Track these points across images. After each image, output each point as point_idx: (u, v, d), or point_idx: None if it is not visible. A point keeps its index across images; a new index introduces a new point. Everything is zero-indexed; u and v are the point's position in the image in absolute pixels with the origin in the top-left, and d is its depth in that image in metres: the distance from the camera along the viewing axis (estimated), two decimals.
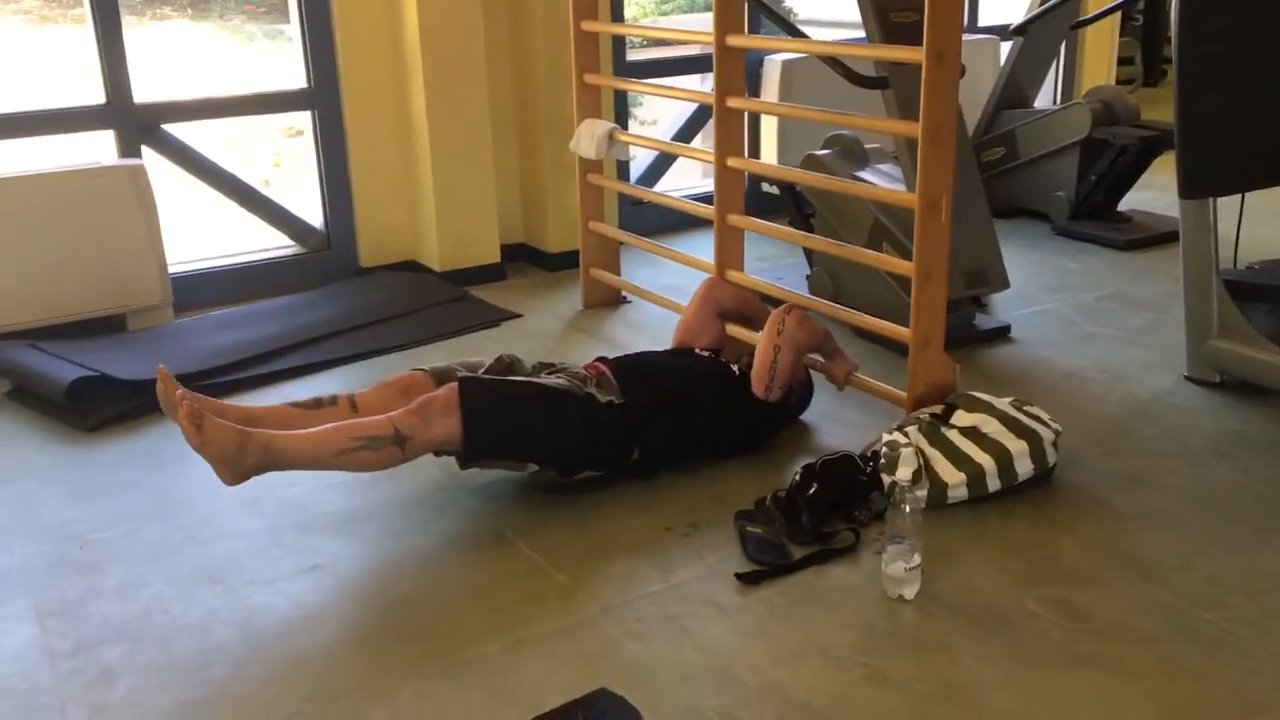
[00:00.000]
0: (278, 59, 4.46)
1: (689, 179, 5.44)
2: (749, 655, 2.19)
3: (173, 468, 3.01)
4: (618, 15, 4.73)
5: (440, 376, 2.79)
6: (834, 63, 3.62)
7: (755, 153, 5.40)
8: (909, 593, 2.34)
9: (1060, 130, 5.00)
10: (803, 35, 4.08)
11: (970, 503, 2.69)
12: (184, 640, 2.27)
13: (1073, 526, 2.62)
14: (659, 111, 5.97)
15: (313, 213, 4.54)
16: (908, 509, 2.31)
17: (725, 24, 3.27)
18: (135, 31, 4.19)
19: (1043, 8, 5.03)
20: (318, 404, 2.73)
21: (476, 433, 2.60)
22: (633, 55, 5.23)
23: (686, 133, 5.16)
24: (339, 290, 4.33)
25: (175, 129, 4.20)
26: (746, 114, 5.21)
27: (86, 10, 3.93)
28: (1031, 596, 2.34)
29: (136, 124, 4.07)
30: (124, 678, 2.15)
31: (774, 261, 4.58)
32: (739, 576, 2.42)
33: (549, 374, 2.86)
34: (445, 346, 3.85)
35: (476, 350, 3.77)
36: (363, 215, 4.51)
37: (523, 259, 4.75)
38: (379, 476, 2.79)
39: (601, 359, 2.98)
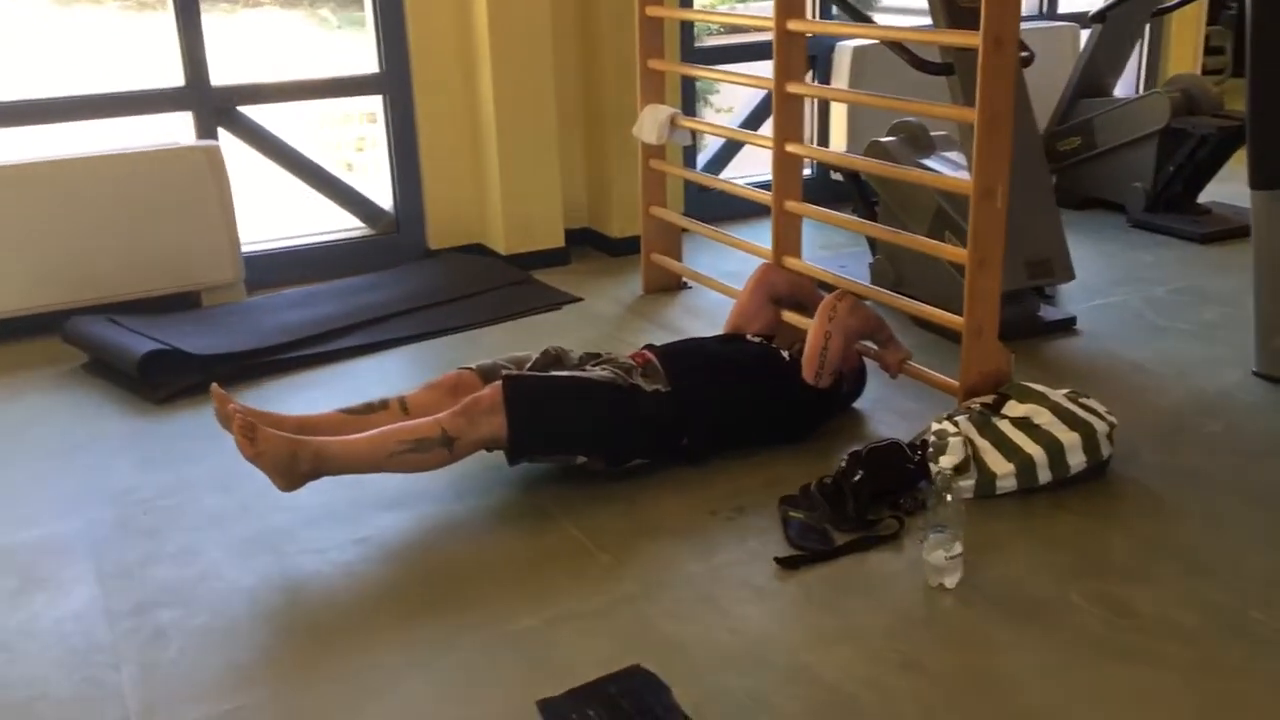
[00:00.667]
0: (358, 46, 4.53)
1: (760, 166, 5.42)
2: (782, 638, 2.20)
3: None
4: (686, 1, 4.73)
5: (487, 375, 2.83)
6: (899, 48, 3.60)
7: (824, 139, 5.37)
8: (950, 581, 2.32)
9: (1138, 119, 4.89)
10: (868, 20, 4.05)
11: (1020, 494, 2.66)
12: (236, 605, 2.34)
13: (1124, 521, 2.58)
14: (734, 99, 5.94)
15: (383, 195, 4.62)
16: (949, 498, 2.29)
17: (786, 8, 3.26)
18: (223, 19, 4.31)
19: None
20: (369, 409, 2.78)
21: (522, 430, 2.64)
22: (705, 42, 5.24)
23: (755, 120, 5.15)
24: (405, 272, 4.41)
25: (251, 111, 4.30)
26: (815, 101, 5.24)
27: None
28: (1075, 589, 2.31)
29: (213, 106, 4.19)
30: (176, 639, 2.23)
31: (837, 250, 4.56)
32: (779, 561, 2.43)
33: (595, 364, 2.89)
34: (507, 328, 3.90)
35: (536, 331, 3.84)
36: (431, 198, 4.58)
37: (587, 243, 4.78)
38: None
39: (649, 346, 2.99)
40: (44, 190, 3.80)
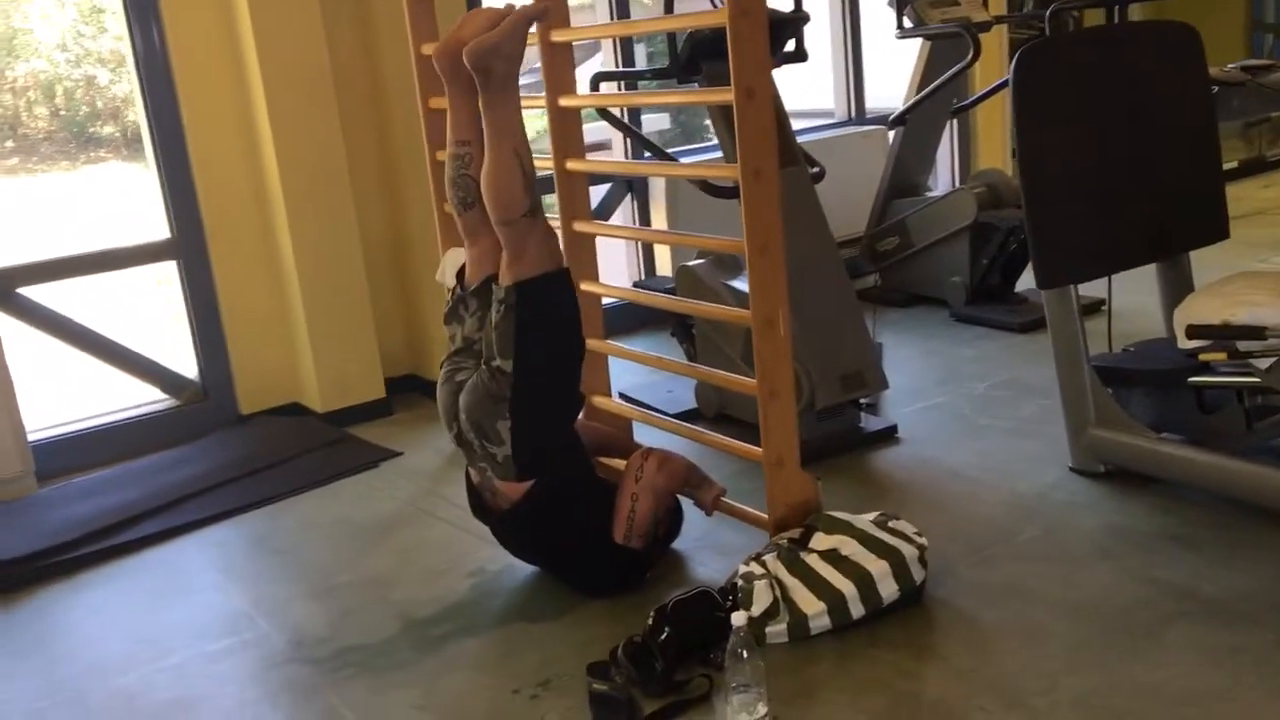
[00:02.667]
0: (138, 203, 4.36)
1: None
2: None
3: (3, 661, 2.83)
4: None
5: None
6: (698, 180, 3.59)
7: (650, 261, 5.35)
8: None
9: (947, 217, 4.97)
10: (663, 153, 4.06)
11: (836, 632, 2.55)
12: None
13: (939, 650, 2.49)
14: None
15: (186, 363, 4.40)
16: (745, 654, 2.16)
17: (564, 148, 3.20)
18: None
19: (917, 97, 5.03)
20: None
21: (542, 286, 2.64)
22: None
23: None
24: (214, 442, 4.18)
25: (33, 291, 4.08)
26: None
27: None
28: None
29: None
30: None
31: (668, 373, 4.47)
32: None
33: None
34: (319, 495, 3.70)
35: (349, 495, 3.67)
36: (239, 361, 4.38)
37: (414, 390, 4.62)
38: (203, 673, 2.63)
39: None
40: None
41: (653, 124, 8.14)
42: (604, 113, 3.97)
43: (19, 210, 4.96)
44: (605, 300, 3.54)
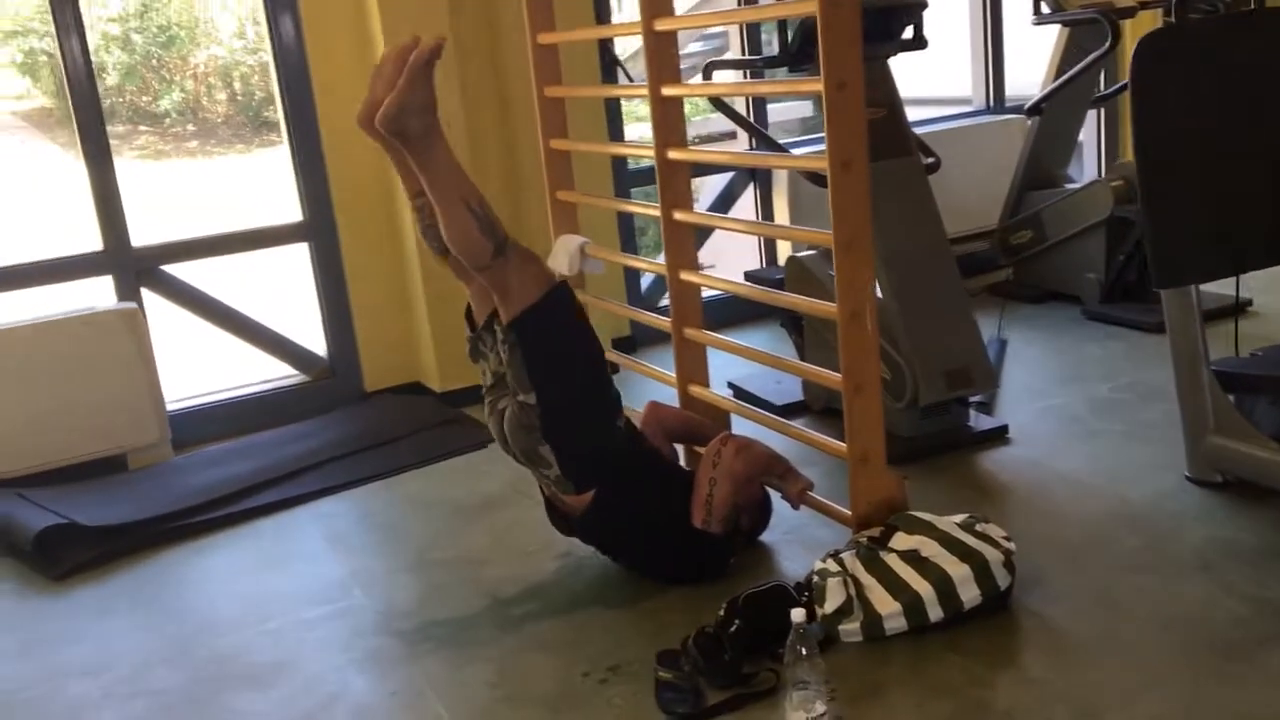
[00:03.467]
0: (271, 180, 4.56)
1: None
2: None
3: (121, 618, 3.02)
4: (617, 135, 4.71)
5: None
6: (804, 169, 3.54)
7: (772, 248, 5.30)
8: None
9: (1083, 210, 4.78)
10: (773, 142, 4.02)
11: (913, 634, 2.50)
12: None
13: (1016, 659, 2.42)
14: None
15: (317, 341, 4.59)
16: (803, 650, 2.14)
17: (665, 137, 3.21)
18: (132, 167, 4.33)
19: (1053, 85, 4.85)
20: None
21: (538, 314, 2.61)
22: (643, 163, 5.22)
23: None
24: (337, 418, 4.35)
25: (174, 269, 4.31)
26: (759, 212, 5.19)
27: (80, 159, 4.08)
28: None
29: (134, 268, 4.19)
30: None
31: None
32: None
33: None
34: (427, 473, 3.81)
35: (458, 474, 3.77)
36: (365, 340, 4.54)
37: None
38: (306, 646, 2.75)
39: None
40: None
41: (794, 111, 8.06)
42: (716, 101, 3.96)
43: (189, 190, 5.24)
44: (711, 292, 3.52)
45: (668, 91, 3.17)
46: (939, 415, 3.53)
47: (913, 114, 6.26)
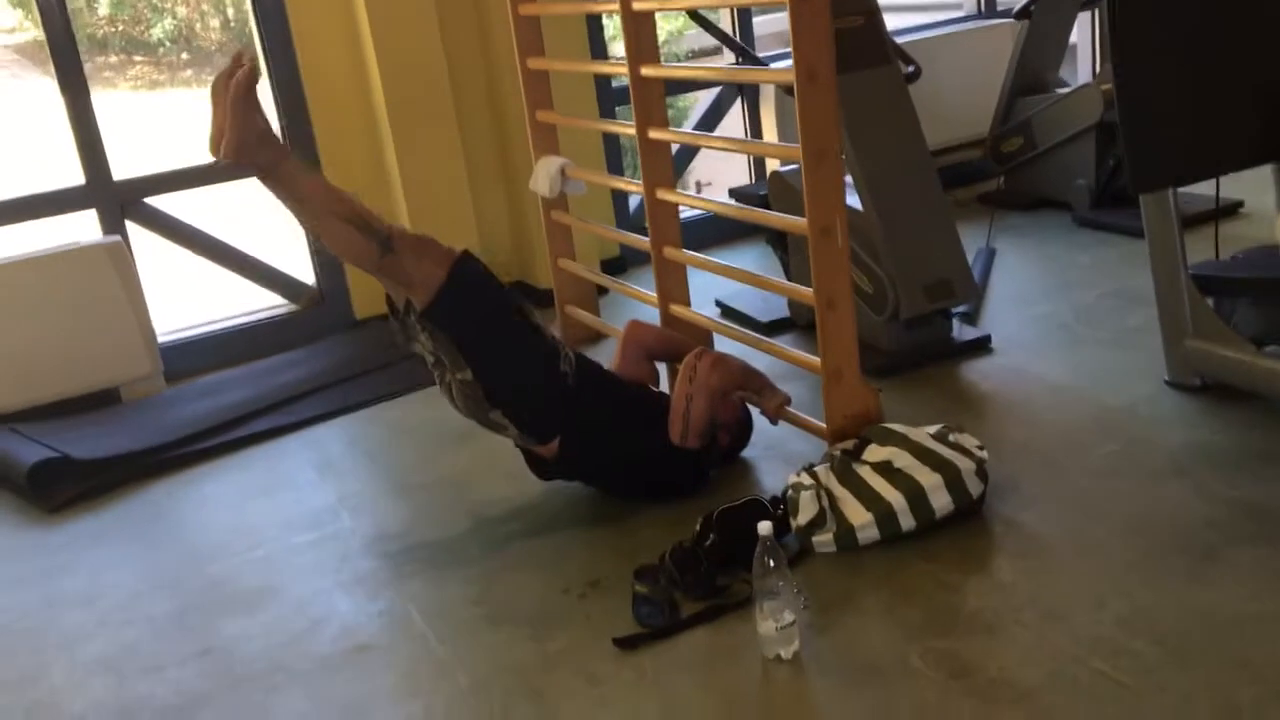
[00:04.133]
0: None
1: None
2: None
3: (114, 548, 3.08)
4: (599, 52, 4.64)
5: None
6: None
7: (761, 164, 5.26)
8: (785, 652, 2.20)
9: (1073, 115, 4.73)
10: (749, 53, 3.96)
11: (886, 543, 2.54)
12: None
13: (986, 565, 2.45)
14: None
15: (305, 270, 4.59)
16: (770, 562, 2.18)
17: (638, 53, 3.17)
18: (109, 99, 4.29)
19: None
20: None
21: (448, 296, 2.57)
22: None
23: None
24: (326, 346, 4.37)
25: (158, 201, 4.30)
26: (746, 120, 5.13)
27: (56, 91, 4.05)
28: (917, 650, 2.18)
29: (117, 201, 4.19)
30: None
31: None
32: (617, 642, 2.32)
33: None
34: (415, 398, 3.84)
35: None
36: (353, 268, 4.53)
37: (521, 295, 4.70)
38: (302, 555, 2.80)
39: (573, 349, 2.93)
40: None
41: (781, 23, 7.93)
42: (692, 14, 3.90)
43: (187, 121, 5.18)
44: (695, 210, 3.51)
45: (638, 6, 3.13)
46: (921, 328, 3.53)
47: (901, 21, 6.18)
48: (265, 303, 4.60)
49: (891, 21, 3.95)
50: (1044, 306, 3.90)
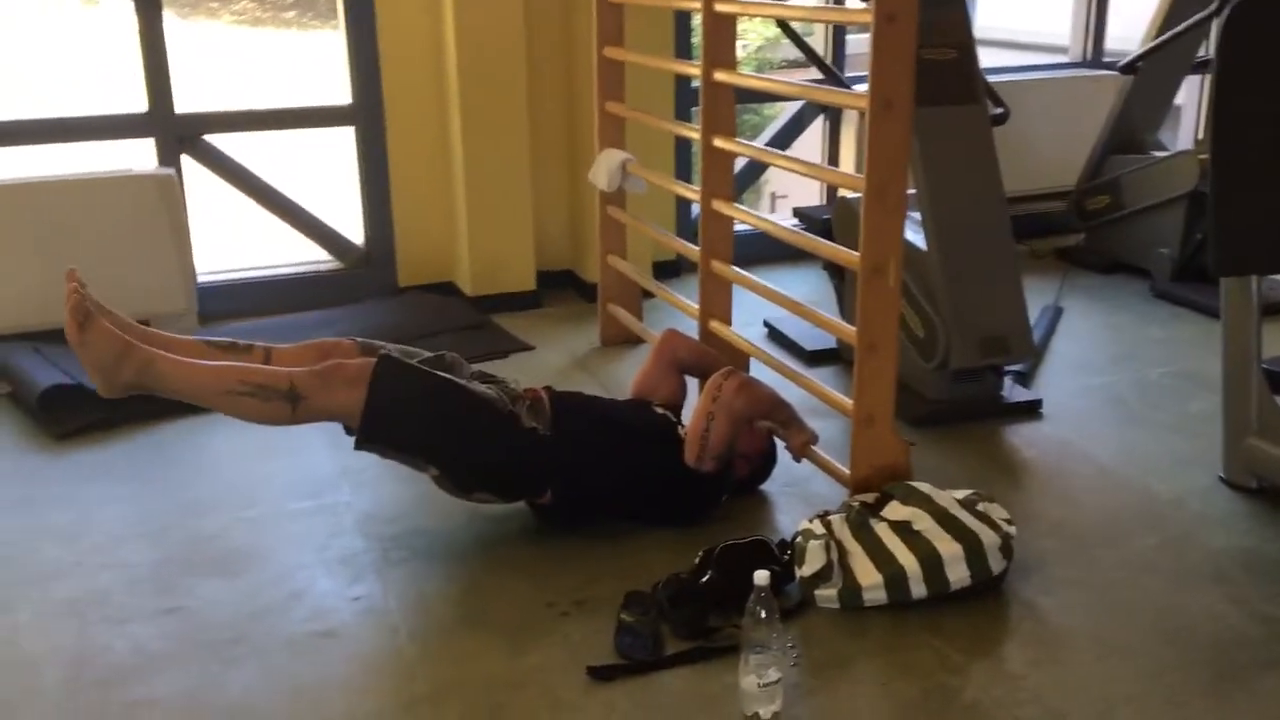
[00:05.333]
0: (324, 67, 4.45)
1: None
2: None
3: (110, 486, 3.01)
4: (684, 52, 4.49)
5: (366, 350, 2.64)
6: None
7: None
8: (765, 712, 2.06)
9: (1166, 181, 4.52)
10: (834, 74, 3.80)
11: (894, 608, 2.39)
12: (11, 676, 2.22)
13: (996, 649, 2.29)
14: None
15: (354, 228, 4.52)
16: (762, 613, 2.04)
17: (713, 57, 3.04)
18: (188, 31, 4.24)
19: (1152, 44, 4.55)
20: (232, 346, 2.62)
21: (377, 416, 2.45)
22: None
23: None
24: (366, 309, 4.29)
25: (217, 139, 4.25)
26: (826, 141, 4.97)
27: (132, 17, 4.00)
28: None
29: (176, 134, 4.13)
30: None
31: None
32: (591, 671, 2.20)
33: (484, 384, 2.69)
34: None
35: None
36: (402, 235, 4.46)
37: (569, 286, 4.61)
38: (294, 523, 2.73)
39: (547, 388, 2.79)
40: None
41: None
42: (781, 24, 3.75)
43: (238, 60, 5.16)
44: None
45: (721, 8, 3.00)
46: (971, 381, 3.36)
47: (1001, 59, 5.97)
48: (309, 257, 4.53)
49: (992, 58, 3.78)
50: (1104, 377, 3.71)
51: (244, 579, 2.56)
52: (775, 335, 3.98)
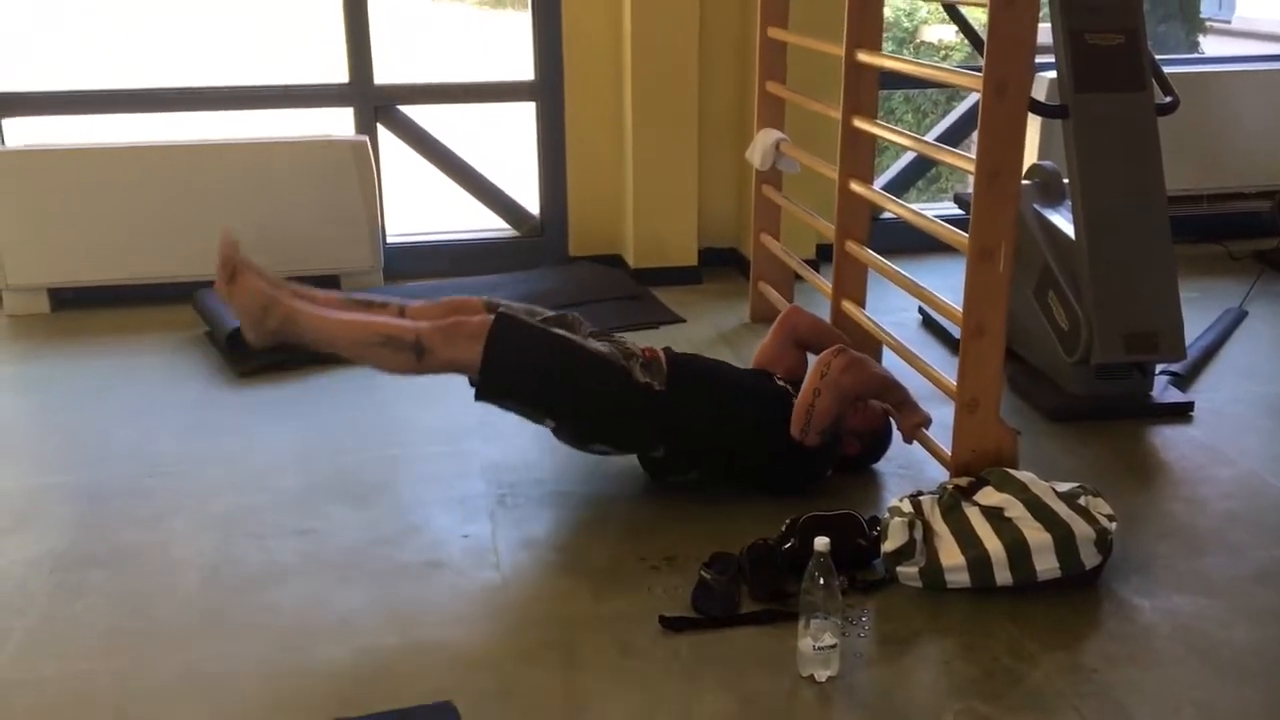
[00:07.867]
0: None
1: None
2: (606, 704, 2.09)
3: (280, 420, 3.31)
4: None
5: (490, 308, 2.79)
6: None
7: None
8: (820, 675, 2.12)
9: None
10: None
11: (978, 592, 2.38)
12: (158, 576, 2.51)
13: (1076, 643, 2.26)
14: None
15: (531, 199, 4.74)
16: (821, 580, 2.09)
17: (857, 37, 3.06)
18: (390, 5, 4.52)
19: None
20: (369, 304, 2.84)
21: (495, 369, 2.61)
22: None
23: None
24: (538, 275, 4.50)
25: (410, 110, 4.54)
26: None
27: None
28: (955, 709, 2.05)
29: (373, 104, 4.45)
30: (87, 597, 2.42)
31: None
32: (662, 620, 2.31)
33: (598, 340, 2.83)
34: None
35: None
36: (575, 207, 4.65)
37: (731, 264, 4.69)
38: (441, 461, 3.00)
39: (666, 348, 2.89)
40: (201, 171, 4.19)
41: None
42: (947, 6, 3.70)
43: (433, 35, 5.46)
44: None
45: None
46: (1115, 378, 3.26)
47: (1227, 47, 5.62)
48: (489, 225, 4.78)
49: (1220, 46, 3.57)
50: (1271, 386, 3.52)
51: (372, 510, 2.79)
52: (929, 323, 3.95)
